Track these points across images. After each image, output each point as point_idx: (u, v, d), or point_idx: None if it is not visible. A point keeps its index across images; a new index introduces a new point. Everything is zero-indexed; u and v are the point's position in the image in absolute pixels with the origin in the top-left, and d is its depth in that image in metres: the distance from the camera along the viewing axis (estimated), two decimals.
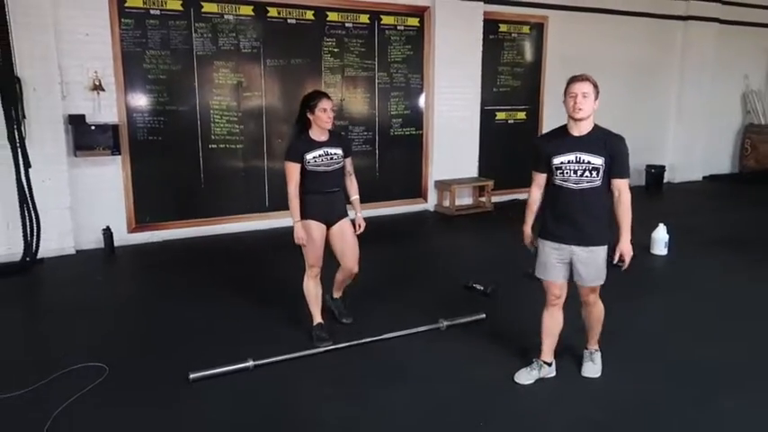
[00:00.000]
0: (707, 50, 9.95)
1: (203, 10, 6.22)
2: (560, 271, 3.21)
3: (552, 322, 3.35)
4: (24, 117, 5.28)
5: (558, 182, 3.11)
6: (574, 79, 3.04)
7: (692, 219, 7.48)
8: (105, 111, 5.85)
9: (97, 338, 3.92)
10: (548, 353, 3.40)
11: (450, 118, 7.75)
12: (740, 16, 10.29)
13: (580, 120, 3.02)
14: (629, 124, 9.67)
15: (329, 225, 3.77)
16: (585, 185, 3.04)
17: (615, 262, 3.17)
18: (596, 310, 3.35)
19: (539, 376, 3.38)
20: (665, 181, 9.79)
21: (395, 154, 7.63)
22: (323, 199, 3.70)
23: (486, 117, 8.18)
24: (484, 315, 4.20)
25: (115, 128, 5.84)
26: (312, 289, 3.84)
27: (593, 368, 3.44)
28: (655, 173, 9.55)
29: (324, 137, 3.67)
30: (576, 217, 3.10)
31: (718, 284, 5.08)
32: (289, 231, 3.70)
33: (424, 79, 7.63)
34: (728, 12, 10.05)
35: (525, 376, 3.38)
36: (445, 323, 4.01)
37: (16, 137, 5.14)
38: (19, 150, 5.16)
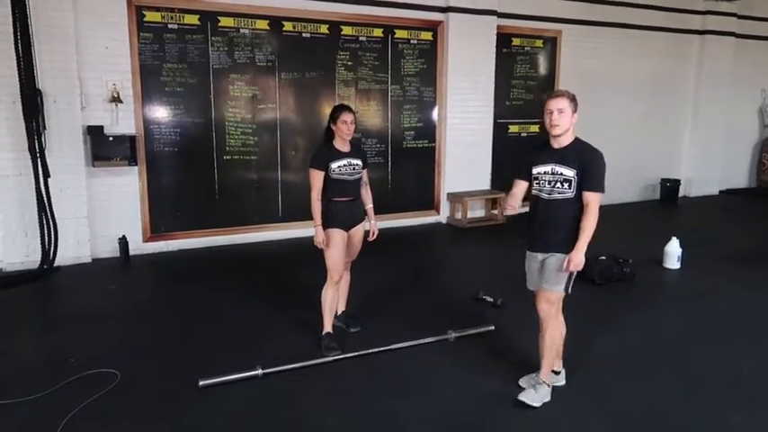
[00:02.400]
0: (723, 65, 9.91)
1: (220, 24, 6.34)
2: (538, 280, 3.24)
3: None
4: (45, 128, 5.41)
5: (534, 191, 3.18)
6: (550, 96, 3.09)
7: (707, 233, 7.38)
8: (123, 122, 5.97)
9: (110, 345, 3.98)
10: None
11: (462, 131, 7.79)
12: (757, 30, 10.26)
13: (557, 135, 3.07)
14: (645, 137, 9.71)
15: (349, 229, 3.92)
16: (557, 196, 3.07)
17: (563, 269, 3.04)
18: (550, 329, 3.17)
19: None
20: (680, 195, 9.71)
21: (407, 166, 7.67)
22: (345, 207, 3.87)
23: (499, 130, 8.20)
24: (493, 327, 4.19)
25: (132, 139, 5.96)
26: (331, 297, 3.91)
27: (532, 396, 3.18)
28: (670, 186, 9.49)
29: (346, 148, 3.86)
30: (546, 226, 3.13)
31: (731, 299, 5.01)
32: (302, 242, 3.76)
33: (437, 92, 7.67)
34: (745, 26, 10.02)
35: (527, 384, 3.37)
36: (454, 334, 4.02)
37: (36, 147, 5.27)
38: (38, 160, 5.29)
